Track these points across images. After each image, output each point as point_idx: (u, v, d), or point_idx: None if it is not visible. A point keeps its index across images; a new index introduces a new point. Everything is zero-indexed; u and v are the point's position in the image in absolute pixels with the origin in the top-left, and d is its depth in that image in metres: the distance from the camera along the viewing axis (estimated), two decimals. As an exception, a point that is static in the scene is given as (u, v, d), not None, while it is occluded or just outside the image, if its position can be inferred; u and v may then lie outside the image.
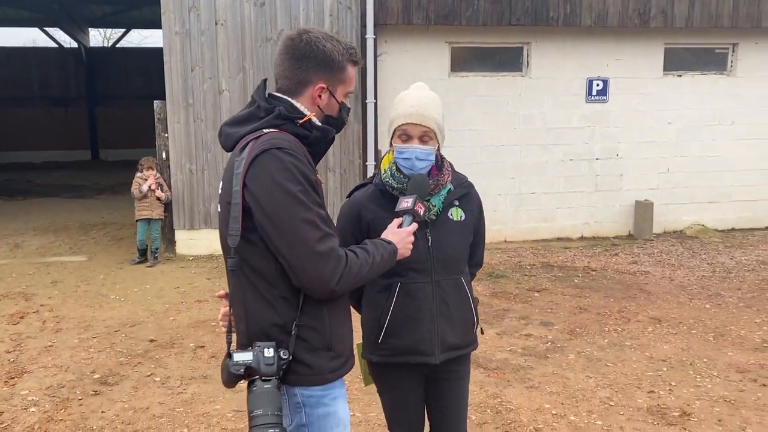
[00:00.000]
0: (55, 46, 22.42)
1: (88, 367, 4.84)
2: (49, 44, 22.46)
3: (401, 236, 2.06)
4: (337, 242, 1.85)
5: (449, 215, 2.41)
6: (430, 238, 2.36)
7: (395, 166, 2.36)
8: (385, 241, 2.03)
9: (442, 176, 2.37)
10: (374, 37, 8.31)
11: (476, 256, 2.59)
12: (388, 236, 2.05)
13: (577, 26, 8.80)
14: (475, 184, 2.55)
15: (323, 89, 1.93)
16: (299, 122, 1.89)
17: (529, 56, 9.05)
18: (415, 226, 2.13)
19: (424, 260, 2.34)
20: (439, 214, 2.38)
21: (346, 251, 1.87)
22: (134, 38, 25.27)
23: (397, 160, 2.35)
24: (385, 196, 2.37)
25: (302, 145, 1.88)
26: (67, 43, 22.67)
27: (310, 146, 1.91)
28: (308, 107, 1.93)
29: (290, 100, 1.93)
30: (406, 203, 2.15)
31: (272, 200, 1.77)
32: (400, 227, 2.10)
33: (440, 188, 2.37)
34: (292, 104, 1.92)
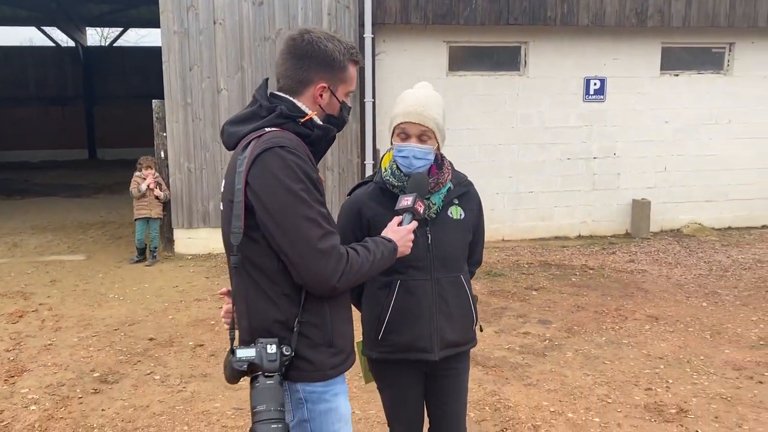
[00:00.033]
0: (52, 45, 22.38)
1: (87, 365, 4.85)
2: (46, 43, 22.42)
3: (401, 234, 2.08)
4: (338, 240, 1.86)
5: (449, 213, 2.43)
6: (430, 236, 2.37)
7: (395, 164, 2.38)
8: (385, 238, 2.04)
9: (442, 175, 2.39)
10: (372, 36, 8.32)
11: (475, 254, 2.61)
12: (388, 234, 2.07)
13: (574, 26, 8.83)
14: (473, 183, 2.57)
15: (324, 88, 1.95)
16: (301, 121, 1.91)
17: (526, 55, 9.07)
18: (414, 224, 2.15)
19: (423, 258, 2.36)
20: (439, 212, 2.40)
21: (347, 249, 1.88)
22: (131, 37, 25.32)
23: (395, 158, 2.37)
24: (385, 194, 2.39)
25: (304, 143, 1.90)
26: (64, 42, 22.65)
27: (311, 145, 1.93)
28: (310, 106, 1.95)
29: (292, 99, 1.94)
30: (406, 201, 2.17)
31: (274, 198, 1.78)
32: (400, 225, 2.12)
33: (440, 186, 2.38)
34: (293, 103, 1.94)
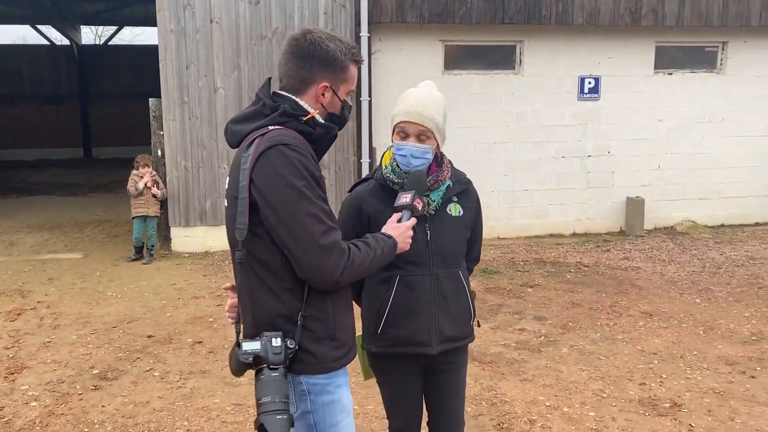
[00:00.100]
0: (46, 43, 22.30)
1: (87, 362, 4.89)
2: (39, 41, 22.32)
3: (400, 230, 2.12)
4: (340, 236, 1.91)
5: (448, 210, 2.47)
6: (429, 232, 2.42)
7: (396, 161, 2.42)
8: (385, 235, 2.08)
9: (441, 172, 2.43)
10: (368, 35, 8.35)
11: (473, 251, 2.66)
12: (388, 230, 2.11)
13: (569, 25, 8.88)
14: (471, 181, 2.61)
15: (327, 87, 1.99)
16: (303, 119, 1.95)
17: (521, 54, 9.12)
18: (413, 220, 2.19)
19: (422, 254, 2.40)
20: (438, 209, 2.44)
21: (348, 244, 1.92)
22: (126, 36, 25.23)
23: (395, 156, 2.41)
24: (385, 190, 2.43)
25: (306, 141, 1.94)
26: (58, 40, 22.56)
27: (313, 143, 1.97)
28: (312, 105, 1.99)
29: (294, 98, 1.98)
30: (405, 199, 2.21)
31: (278, 195, 1.82)
32: (399, 222, 2.16)
33: (439, 184, 2.43)
34: (296, 102, 1.98)
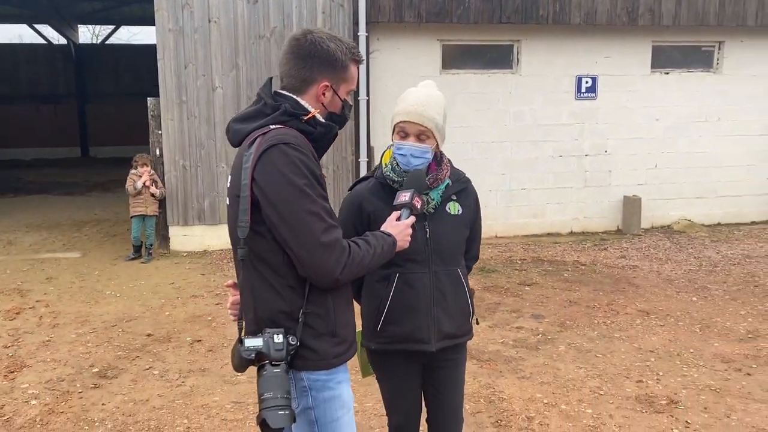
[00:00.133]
0: (43, 42, 22.29)
1: (86, 361, 4.90)
2: (36, 40, 22.31)
3: (400, 229, 2.14)
4: (340, 233, 1.93)
5: (447, 209, 2.49)
6: (428, 230, 2.44)
7: (395, 160, 2.45)
8: (384, 233, 2.10)
9: (441, 171, 2.45)
10: (366, 34, 8.36)
11: (472, 249, 2.68)
12: (387, 229, 2.13)
13: (566, 24, 8.91)
14: (470, 180, 2.63)
15: (327, 87, 2.01)
16: (304, 119, 1.97)
17: (519, 54, 9.15)
18: (412, 219, 2.21)
19: (422, 252, 2.42)
20: (437, 207, 2.46)
21: (349, 242, 1.94)
22: (123, 35, 25.19)
23: (395, 155, 2.43)
24: (385, 189, 2.45)
25: (307, 140, 1.96)
26: (55, 39, 22.54)
27: (314, 142, 1.99)
28: (313, 104, 2.00)
29: (295, 97, 2.00)
30: (404, 197, 2.23)
31: (279, 193, 1.84)
32: (398, 220, 2.18)
33: (439, 183, 2.45)
34: (297, 101, 1.99)
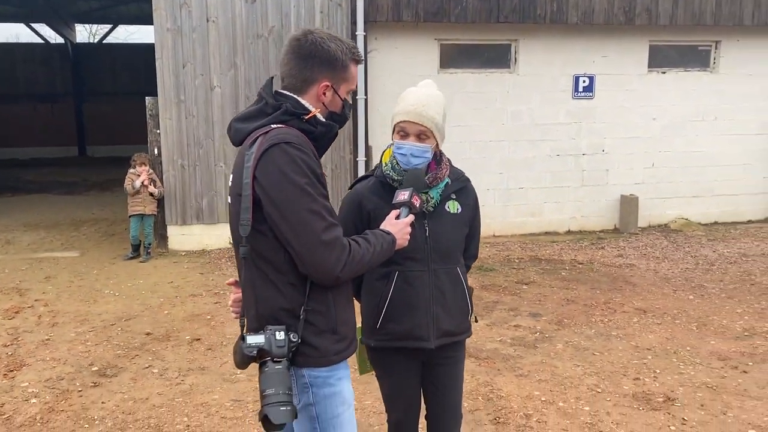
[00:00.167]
0: (40, 41, 22.25)
1: (86, 359, 4.91)
2: (33, 39, 22.26)
3: (399, 227, 2.16)
4: (341, 232, 1.95)
5: (446, 208, 2.51)
6: (427, 228, 2.46)
7: (395, 159, 2.47)
8: (384, 231, 2.12)
9: (440, 170, 2.47)
10: (364, 34, 8.37)
11: (471, 248, 2.70)
12: (386, 227, 2.15)
13: (563, 24, 8.94)
14: (470, 179, 2.65)
15: (328, 87, 2.03)
16: (305, 118, 1.99)
17: (516, 53, 9.18)
18: (411, 217, 2.22)
19: (421, 250, 2.44)
20: (436, 206, 2.48)
21: (349, 240, 1.97)
22: (120, 34, 25.16)
23: (395, 154, 2.45)
24: (385, 187, 2.47)
25: (308, 139, 1.98)
26: (52, 38, 22.50)
27: (315, 141, 2.01)
28: (313, 104, 2.02)
29: (296, 97, 2.02)
30: (403, 196, 2.25)
31: (281, 192, 1.86)
32: (397, 218, 2.20)
33: (438, 181, 2.47)
34: (298, 101, 2.01)
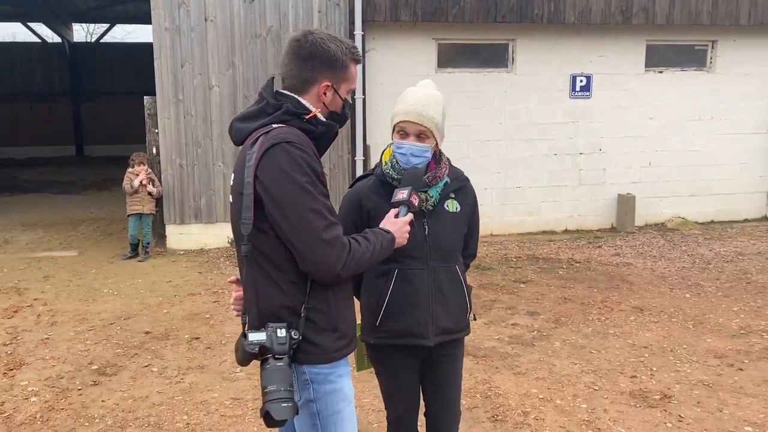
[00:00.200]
0: (38, 41, 22.21)
1: (85, 358, 4.93)
2: (29, 39, 22.22)
3: (398, 226, 2.19)
4: (341, 230, 1.97)
5: (445, 206, 2.54)
6: (427, 227, 2.48)
7: (395, 158, 2.49)
8: (383, 230, 2.14)
9: (439, 169, 2.50)
10: (362, 33, 8.39)
11: (470, 247, 2.72)
12: (386, 226, 2.17)
13: (561, 23, 8.97)
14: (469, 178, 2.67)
15: (328, 87, 2.05)
16: (306, 118, 2.01)
17: (514, 53, 9.21)
18: (410, 216, 2.25)
19: (420, 248, 2.47)
20: (436, 205, 2.51)
21: (349, 239, 1.99)
22: (118, 33, 25.15)
23: (395, 153, 2.48)
24: (385, 186, 2.49)
25: (309, 139, 2.00)
26: (50, 38, 22.47)
27: (315, 140, 2.03)
28: (314, 104, 2.04)
29: (297, 97, 2.04)
30: (401, 195, 2.27)
31: (282, 191, 1.88)
32: (396, 217, 2.23)
33: (437, 180, 2.49)
34: (298, 101, 2.03)
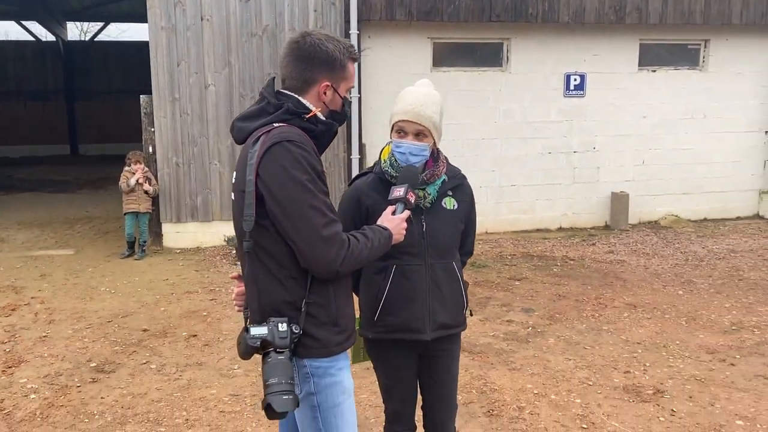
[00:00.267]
0: (31, 39, 22.14)
1: (84, 356, 4.96)
2: (23, 37, 22.15)
3: (395, 222, 2.23)
4: (340, 227, 2.02)
5: (443, 204, 2.59)
6: (424, 224, 2.53)
7: (394, 156, 2.54)
8: (381, 227, 2.19)
9: (437, 168, 2.55)
10: (358, 32, 8.42)
11: (467, 244, 2.77)
12: (383, 223, 2.22)
13: (555, 22, 9.02)
14: (466, 176, 2.72)
15: (328, 86, 2.09)
16: (306, 117, 2.06)
17: (509, 52, 9.26)
18: (407, 213, 2.29)
19: (418, 244, 2.51)
20: (433, 202, 2.56)
21: (348, 236, 2.03)
22: (112, 32, 25.08)
23: (394, 152, 2.52)
24: (384, 183, 2.54)
25: (309, 138, 2.05)
26: (43, 36, 22.39)
27: (315, 139, 2.08)
28: (314, 103, 2.09)
29: (297, 96, 2.09)
30: (398, 192, 2.32)
31: (283, 188, 1.93)
32: (393, 214, 2.27)
33: (435, 178, 2.54)
34: (299, 100, 2.08)
